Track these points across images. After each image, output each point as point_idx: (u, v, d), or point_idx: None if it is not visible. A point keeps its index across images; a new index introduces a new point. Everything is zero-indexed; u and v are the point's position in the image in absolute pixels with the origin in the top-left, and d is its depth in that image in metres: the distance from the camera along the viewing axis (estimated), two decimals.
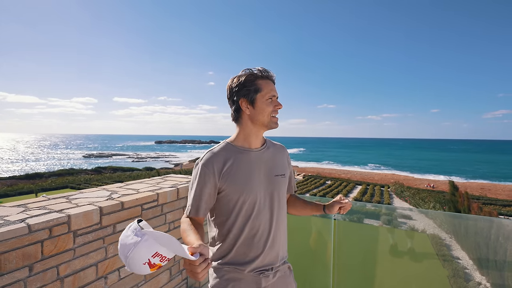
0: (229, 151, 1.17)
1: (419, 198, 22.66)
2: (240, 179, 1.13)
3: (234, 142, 1.21)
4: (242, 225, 1.14)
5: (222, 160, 1.14)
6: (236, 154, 1.17)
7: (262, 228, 1.16)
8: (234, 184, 1.12)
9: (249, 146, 1.21)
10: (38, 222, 1.27)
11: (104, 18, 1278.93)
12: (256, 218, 1.15)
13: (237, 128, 1.23)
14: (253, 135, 1.20)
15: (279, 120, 1.22)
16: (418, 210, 3.25)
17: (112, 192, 1.91)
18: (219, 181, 1.12)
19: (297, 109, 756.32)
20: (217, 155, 1.15)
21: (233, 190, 1.13)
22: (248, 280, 1.14)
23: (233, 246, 1.15)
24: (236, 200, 1.13)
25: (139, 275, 1.81)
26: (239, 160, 1.16)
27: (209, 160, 1.14)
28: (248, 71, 1.18)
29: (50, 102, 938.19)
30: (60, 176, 33.24)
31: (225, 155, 1.16)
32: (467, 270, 2.51)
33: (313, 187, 29.89)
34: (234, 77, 1.20)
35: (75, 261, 1.42)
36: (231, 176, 1.13)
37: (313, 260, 2.74)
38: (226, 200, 1.14)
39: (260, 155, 1.21)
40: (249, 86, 1.16)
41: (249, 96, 1.16)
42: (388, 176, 47.75)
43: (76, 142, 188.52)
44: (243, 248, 1.14)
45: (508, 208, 21.30)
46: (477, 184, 40.78)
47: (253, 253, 1.14)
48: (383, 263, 2.74)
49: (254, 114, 1.17)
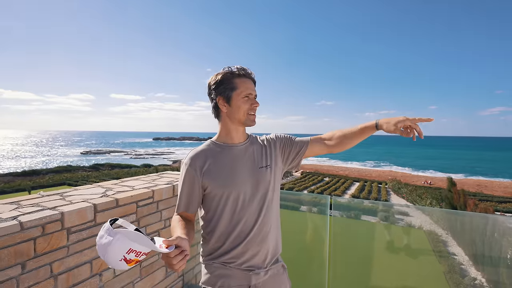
0: (211, 149, 1.21)
1: (416, 195, 22.81)
2: (222, 174, 1.16)
3: (217, 139, 1.25)
4: (228, 221, 1.15)
5: (203, 157, 1.18)
6: (217, 150, 1.21)
7: (249, 223, 1.15)
8: (216, 180, 1.15)
9: (231, 141, 1.23)
10: (30, 220, 1.26)
11: (101, 14, 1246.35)
12: (242, 213, 1.15)
13: (218, 125, 1.26)
14: (233, 131, 1.23)
15: (275, 117, 1.22)
16: (415, 206, 3.27)
17: (107, 189, 1.90)
18: (201, 178, 1.15)
19: (296, 106, 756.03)
20: (199, 153, 1.19)
21: (216, 186, 1.15)
22: (238, 277, 1.13)
23: (221, 242, 1.16)
24: (220, 195, 1.15)
25: (134, 272, 1.80)
26: (221, 156, 1.19)
27: (192, 158, 1.18)
28: (226, 69, 1.20)
29: (46, 99, 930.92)
30: (57, 173, 33.10)
31: (207, 152, 1.20)
32: (463, 266, 2.53)
33: (311, 183, 29.98)
34: (213, 75, 1.22)
35: (69, 259, 1.41)
36: (212, 172, 1.15)
37: (308, 257, 2.75)
38: (211, 196, 1.17)
39: (243, 150, 1.22)
40: (226, 84, 1.18)
41: (225, 94, 1.18)
42: (385, 173, 47.99)
43: (74, 138, 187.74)
44: (230, 244, 1.14)
45: (504, 205, 21.49)
46: (474, 181, 41.07)
47: (241, 248, 1.14)
48: (380, 260, 2.75)
49: (231, 112, 1.19)
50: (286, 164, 1.33)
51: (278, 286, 1.23)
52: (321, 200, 2.72)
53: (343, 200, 2.67)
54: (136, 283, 1.82)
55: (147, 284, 1.91)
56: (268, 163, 1.24)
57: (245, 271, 1.14)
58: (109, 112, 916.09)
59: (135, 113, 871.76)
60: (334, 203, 2.34)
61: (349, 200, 3.45)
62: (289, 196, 3.16)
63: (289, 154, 1.31)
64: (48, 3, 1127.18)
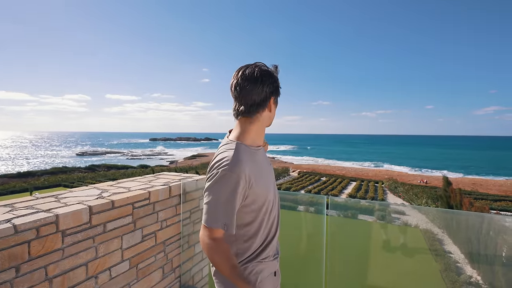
0: (249, 155, 1.07)
1: (412, 194, 22.95)
2: (261, 182, 1.09)
3: (245, 141, 1.10)
4: (266, 224, 1.15)
5: (249, 168, 1.03)
6: (254, 157, 1.09)
7: (276, 218, 1.21)
8: (260, 189, 1.07)
9: (257, 144, 1.15)
10: (24, 222, 1.24)
11: (96, 13, 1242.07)
12: (273, 212, 1.18)
13: (246, 123, 1.10)
14: (262, 133, 1.16)
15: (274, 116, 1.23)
16: (411, 206, 3.29)
17: (102, 190, 1.88)
18: (249, 189, 1.03)
19: (292, 106, 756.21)
20: (244, 162, 1.02)
21: (259, 195, 1.07)
22: (269, 267, 1.17)
23: (261, 245, 1.15)
24: (261, 204, 1.10)
25: (130, 274, 1.79)
26: (258, 163, 1.10)
27: (240, 168, 1.00)
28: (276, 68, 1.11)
29: (41, 99, 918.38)
30: (53, 174, 32.82)
31: (249, 161, 1.05)
32: (458, 264, 2.55)
33: (308, 183, 30.03)
34: (263, 67, 1.08)
35: (64, 261, 1.40)
36: (256, 182, 1.05)
37: (306, 256, 2.75)
38: (253, 205, 1.08)
39: (263, 152, 1.21)
40: (278, 85, 1.11)
41: (277, 96, 1.13)
42: (382, 172, 48.24)
43: (69, 139, 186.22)
44: (268, 244, 1.16)
45: (498, 203, 21.70)
46: (469, 180, 41.45)
47: (272, 243, 1.18)
48: (377, 258, 2.76)
49: (270, 116, 1.14)
50: None
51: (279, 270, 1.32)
52: (318, 200, 2.73)
53: (340, 200, 2.68)
54: (132, 285, 1.80)
55: (144, 286, 1.90)
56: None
57: (273, 260, 1.19)
58: (105, 113, 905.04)
59: (131, 114, 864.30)
60: (331, 203, 2.35)
61: (346, 199, 3.46)
62: (286, 196, 3.16)
63: None
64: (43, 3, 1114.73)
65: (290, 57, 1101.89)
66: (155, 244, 1.99)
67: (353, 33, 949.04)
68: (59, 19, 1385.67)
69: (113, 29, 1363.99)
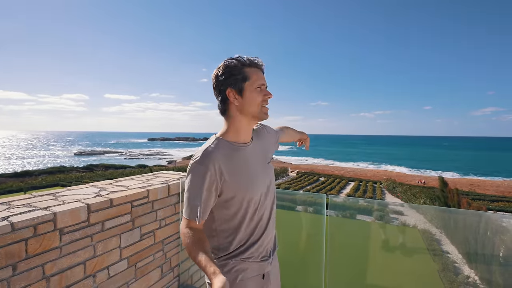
0: (225, 149, 1.08)
1: (410, 194, 23.02)
2: (242, 179, 1.08)
3: (226, 137, 1.12)
4: (248, 223, 1.13)
5: (222, 159, 1.05)
6: (233, 152, 1.10)
7: (264, 219, 1.18)
8: (238, 185, 1.07)
9: (242, 141, 1.14)
10: (21, 220, 1.23)
11: (95, 13, 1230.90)
12: (260, 212, 1.16)
13: (226, 121, 1.14)
14: (244, 127, 1.13)
15: (274, 114, 1.21)
16: (409, 205, 3.29)
17: (101, 189, 1.87)
18: (220, 182, 1.04)
19: (292, 106, 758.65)
20: (217, 154, 1.05)
21: (237, 191, 1.07)
22: (254, 268, 1.15)
23: (242, 243, 1.13)
24: (241, 200, 1.09)
25: (129, 273, 1.78)
26: (237, 157, 1.10)
27: (211, 160, 1.03)
28: (235, 59, 1.09)
29: (39, 99, 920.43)
30: (50, 174, 32.66)
31: (223, 153, 1.07)
32: (456, 264, 2.56)
33: (307, 183, 30.06)
34: (220, 65, 1.11)
35: (62, 260, 1.39)
36: (233, 177, 1.06)
37: (305, 256, 2.75)
38: (231, 201, 1.08)
39: (254, 148, 1.19)
40: (236, 74, 1.07)
41: (236, 85, 1.08)
42: (380, 172, 48.36)
43: (67, 139, 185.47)
44: (251, 243, 1.14)
45: (496, 204, 21.81)
46: (467, 180, 41.63)
47: (259, 243, 1.15)
48: (375, 258, 2.76)
49: (243, 105, 1.09)
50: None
51: (277, 269, 1.31)
52: (317, 200, 2.73)
53: (339, 200, 2.68)
54: (131, 284, 1.79)
55: (142, 285, 1.89)
56: (271, 156, 1.28)
57: (260, 262, 1.16)
58: (103, 112, 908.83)
59: (129, 113, 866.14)
60: (330, 203, 2.35)
61: (345, 199, 3.47)
62: (285, 196, 3.16)
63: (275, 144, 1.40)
64: (42, 3, 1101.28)
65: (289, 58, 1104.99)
66: (154, 243, 1.98)
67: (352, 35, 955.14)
68: (58, 18, 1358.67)
69: (112, 28, 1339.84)
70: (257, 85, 1.09)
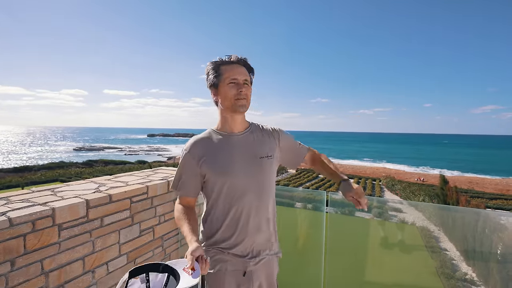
0: (210, 137, 1.23)
1: (409, 192, 23.11)
2: (218, 162, 1.18)
3: (216, 128, 1.27)
4: (225, 208, 1.17)
5: (203, 145, 1.21)
6: (217, 138, 1.22)
7: (244, 212, 1.17)
8: (213, 168, 1.17)
9: (230, 130, 1.24)
10: (20, 215, 1.22)
11: (95, 8, 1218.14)
12: (239, 201, 1.16)
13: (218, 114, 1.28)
14: (229, 119, 1.24)
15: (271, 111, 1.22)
16: (408, 202, 3.30)
17: (100, 184, 1.86)
18: (199, 166, 1.18)
19: (291, 102, 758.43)
20: (199, 141, 1.22)
21: (213, 174, 1.17)
22: (235, 262, 1.16)
23: (218, 229, 1.19)
24: (216, 183, 1.18)
25: (127, 268, 1.78)
26: (219, 144, 1.21)
27: (192, 145, 1.21)
28: (213, 60, 1.23)
29: (38, 94, 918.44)
30: (50, 169, 32.67)
31: (206, 140, 1.22)
32: (454, 261, 2.57)
33: (306, 180, 30.14)
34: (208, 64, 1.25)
35: (61, 255, 1.39)
36: (210, 160, 1.18)
37: (304, 253, 2.76)
38: (209, 184, 1.20)
39: (242, 139, 1.22)
40: (211, 73, 1.20)
41: (213, 83, 1.21)
42: (379, 169, 48.46)
43: (66, 134, 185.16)
44: (228, 231, 1.17)
45: (494, 201, 21.92)
46: (466, 178, 41.77)
47: (236, 237, 1.16)
48: (374, 255, 2.77)
49: (221, 100, 1.21)
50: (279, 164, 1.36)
51: (271, 272, 1.26)
52: (317, 196, 2.73)
53: (338, 197, 2.68)
54: None
55: None
56: (270, 154, 1.25)
57: (241, 257, 1.17)
58: (102, 108, 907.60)
59: (129, 109, 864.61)
60: (329, 200, 2.35)
61: None
62: (284, 193, 3.16)
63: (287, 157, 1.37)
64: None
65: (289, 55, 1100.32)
66: (153, 239, 1.98)
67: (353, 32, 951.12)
68: (57, 13, 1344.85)
69: (111, 24, 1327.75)
70: (229, 80, 1.17)
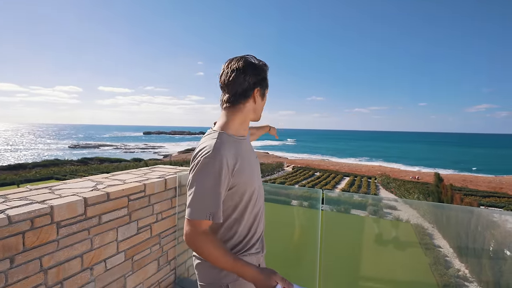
0: (232, 143, 1.06)
1: (404, 189, 23.31)
2: (246, 171, 1.08)
3: (228, 131, 1.09)
4: (251, 215, 1.14)
5: (232, 154, 1.02)
6: (237, 145, 1.09)
7: (260, 215, 1.19)
8: (243, 178, 1.06)
9: (242, 134, 1.14)
10: (18, 213, 1.23)
11: (90, 4, 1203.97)
12: (258, 205, 1.17)
13: (229, 113, 1.11)
14: (247, 124, 1.17)
15: (268, 111, 1.23)
16: (403, 200, 3.34)
17: (97, 182, 1.87)
18: (232, 177, 1.02)
19: (286, 100, 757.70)
20: (226, 149, 1.01)
21: (242, 184, 1.06)
22: (252, 260, 1.15)
23: (243, 237, 1.12)
24: (244, 193, 1.08)
25: (126, 266, 1.79)
26: (242, 151, 1.09)
27: (221, 155, 0.99)
28: (264, 63, 1.14)
29: (31, 91, 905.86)
30: (44, 167, 32.33)
31: (232, 149, 1.04)
32: (447, 258, 2.61)
33: (302, 178, 30.23)
34: (256, 61, 1.11)
35: (59, 253, 1.39)
36: (240, 170, 1.05)
37: (299, 250, 2.79)
38: (236, 194, 1.07)
39: (248, 143, 1.21)
40: (266, 79, 1.14)
41: (263, 88, 1.13)
42: (375, 168, 48.80)
43: (61, 132, 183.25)
44: (252, 236, 1.14)
45: (487, 199, 22.22)
46: (460, 176, 42.23)
47: (255, 236, 1.16)
48: (369, 252, 2.81)
49: (257, 108, 1.14)
50: None
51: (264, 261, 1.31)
52: (313, 194, 2.76)
53: (334, 194, 2.71)
54: (128, 277, 1.81)
55: (139, 278, 1.90)
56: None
57: (257, 254, 1.17)
58: (97, 105, 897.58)
59: (124, 106, 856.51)
60: (325, 197, 2.37)
61: (340, 194, 3.50)
62: (281, 191, 3.18)
63: None
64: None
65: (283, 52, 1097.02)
66: (151, 236, 1.99)
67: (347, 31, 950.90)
68: (51, 8, 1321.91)
69: (106, 20, 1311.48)
70: (266, 93, 1.18)
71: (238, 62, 1.08)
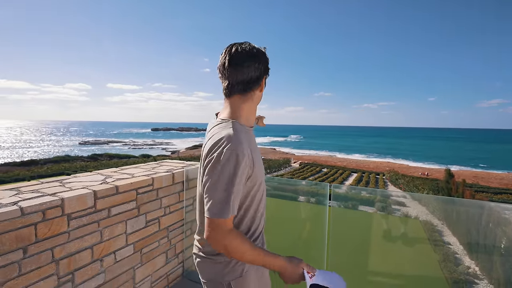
0: (246, 134, 1.00)
1: (413, 186, 23.02)
2: (259, 161, 1.03)
3: (241, 120, 1.03)
4: (258, 205, 1.09)
5: (250, 145, 0.97)
6: (250, 136, 1.03)
7: (264, 204, 1.14)
8: (258, 168, 1.01)
9: (250, 124, 1.10)
10: (31, 205, 1.26)
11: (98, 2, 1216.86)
12: (264, 196, 1.13)
13: (239, 102, 1.05)
14: (254, 113, 1.12)
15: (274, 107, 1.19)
16: (412, 195, 3.30)
17: (106, 176, 1.90)
18: (251, 168, 0.97)
19: (294, 96, 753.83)
20: (246, 141, 0.96)
21: (257, 175, 1.01)
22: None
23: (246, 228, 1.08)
24: (257, 182, 1.03)
25: (135, 258, 1.82)
26: (253, 141, 1.05)
27: (243, 146, 0.92)
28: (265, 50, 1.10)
29: (42, 88, 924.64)
30: (56, 163, 33.08)
31: (248, 139, 0.99)
32: (457, 255, 2.57)
33: (310, 174, 30.13)
34: (256, 47, 1.05)
35: (70, 244, 1.42)
36: (256, 161, 1.00)
37: (306, 246, 2.79)
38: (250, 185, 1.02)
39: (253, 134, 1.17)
40: (266, 64, 1.08)
41: (267, 76, 1.11)
42: (383, 164, 48.24)
43: (71, 128, 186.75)
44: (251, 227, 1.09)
45: (499, 196, 21.77)
46: (471, 172, 41.44)
47: (258, 229, 1.12)
48: (377, 249, 2.78)
49: (259, 96, 1.11)
50: None
51: None
52: (320, 190, 2.74)
53: (341, 190, 2.69)
54: (137, 269, 1.84)
55: (148, 270, 1.94)
56: None
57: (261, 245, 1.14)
58: (106, 102, 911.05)
59: (132, 103, 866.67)
60: (332, 193, 2.36)
61: (348, 189, 3.47)
62: (288, 186, 3.18)
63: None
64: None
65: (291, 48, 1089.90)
66: (159, 229, 2.02)
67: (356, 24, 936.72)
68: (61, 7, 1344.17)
69: (114, 18, 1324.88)
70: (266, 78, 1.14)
71: (248, 47, 1.02)
